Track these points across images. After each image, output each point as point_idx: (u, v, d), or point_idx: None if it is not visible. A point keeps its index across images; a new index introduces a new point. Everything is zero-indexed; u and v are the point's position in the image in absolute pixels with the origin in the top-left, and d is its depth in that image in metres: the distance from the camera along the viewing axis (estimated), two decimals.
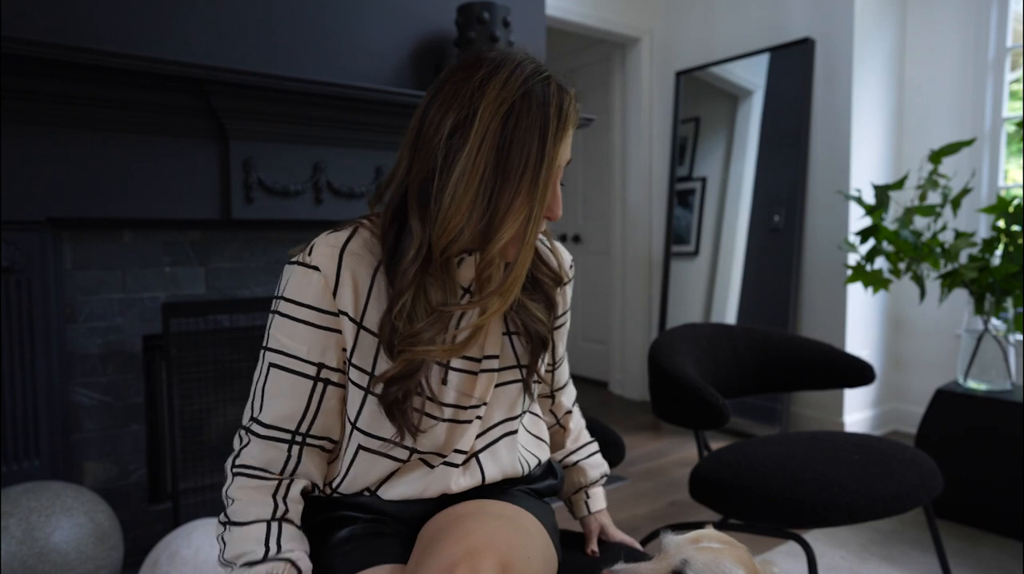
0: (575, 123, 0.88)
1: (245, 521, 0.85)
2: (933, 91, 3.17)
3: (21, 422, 1.74)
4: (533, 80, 0.84)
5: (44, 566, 1.49)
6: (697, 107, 3.70)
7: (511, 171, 0.82)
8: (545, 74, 0.86)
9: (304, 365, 0.86)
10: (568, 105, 0.86)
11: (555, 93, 0.85)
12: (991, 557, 2.06)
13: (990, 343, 2.31)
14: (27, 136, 1.71)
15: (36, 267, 1.75)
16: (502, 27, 2.37)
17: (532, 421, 1.07)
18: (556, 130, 0.83)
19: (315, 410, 0.88)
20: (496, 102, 0.82)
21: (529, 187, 0.82)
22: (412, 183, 0.85)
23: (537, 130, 0.82)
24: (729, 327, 2.07)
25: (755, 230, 3.37)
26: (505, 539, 0.82)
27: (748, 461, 1.61)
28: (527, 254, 0.85)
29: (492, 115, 0.81)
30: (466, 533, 0.81)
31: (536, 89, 0.84)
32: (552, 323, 1.00)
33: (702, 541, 0.81)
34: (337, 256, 0.86)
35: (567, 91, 0.87)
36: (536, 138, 0.82)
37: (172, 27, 1.94)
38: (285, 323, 0.86)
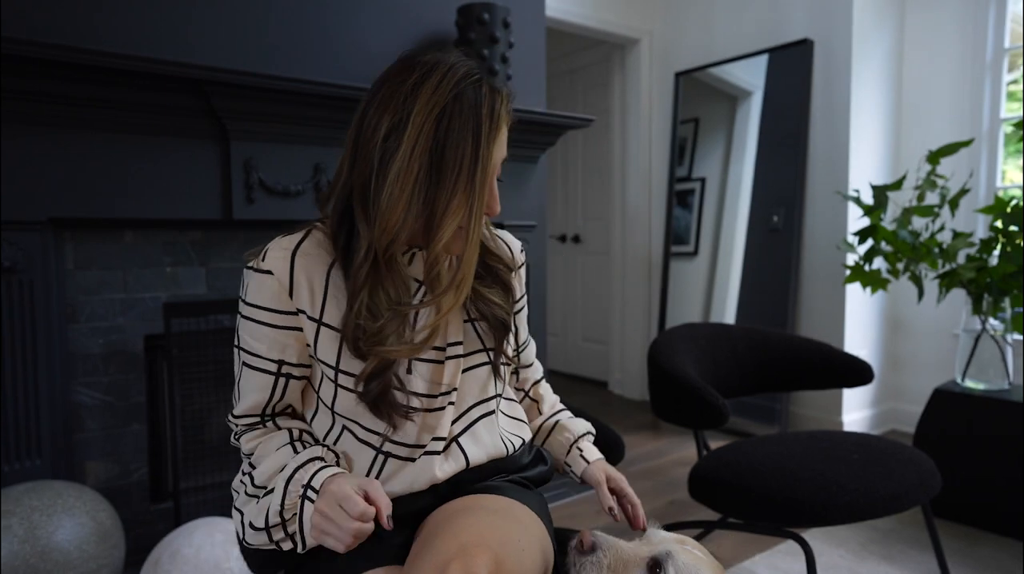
0: (508, 123, 0.91)
1: (265, 457, 0.92)
2: (931, 92, 3.18)
3: (23, 422, 1.74)
4: (465, 83, 0.87)
5: (46, 565, 1.49)
6: (696, 108, 3.71)
7: (446, 172, 0.85)
8: (476, 76, 0.89)
9: (266, 362, 0.92)
10: (500, 106, 0.89)
11: (487, 95, 0.89)
12: (989, 556, 2.07)
13: (988, 343, 2.32)
14: (28, 136, 1.72)
15: (37, 267, 1.76)
16: (502, 28, 2.37)
17: (508, 405, 1.09)
18: (488, 131, 0.87)
19: (279, 398, 0.95)
20: (428, 105, 0.85)
21: (465, 187, 0.86)
22: (355, 185, 0.89)
23: (470, 132, 0.86)
24: (728, 327, 2.08)
25: (754, 230, 3.38)
26: (498, 534, 0.82)
27: (747, 460, 1.61)
28: (472, 250, 0.88)
29: (425, 118, 0.84)
30: (459, 530, 0.82)
31: (468, 92, 0.87)
32: (511, 307, 1.03)
33: (687, 545, 0.83)
34: (289, 258, 0.90)
35: (499, 92, 0.91)
36: (469, 140, 0.86)
37: (173, 28, 1.95)
38: (248, 325, 0.92)
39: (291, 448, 0.92)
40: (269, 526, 0.88)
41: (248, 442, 0.95)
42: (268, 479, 0.90)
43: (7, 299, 1.72)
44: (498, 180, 0.93)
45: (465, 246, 0.88)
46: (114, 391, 1.92)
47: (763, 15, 3.39)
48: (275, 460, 0.91)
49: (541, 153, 2.70)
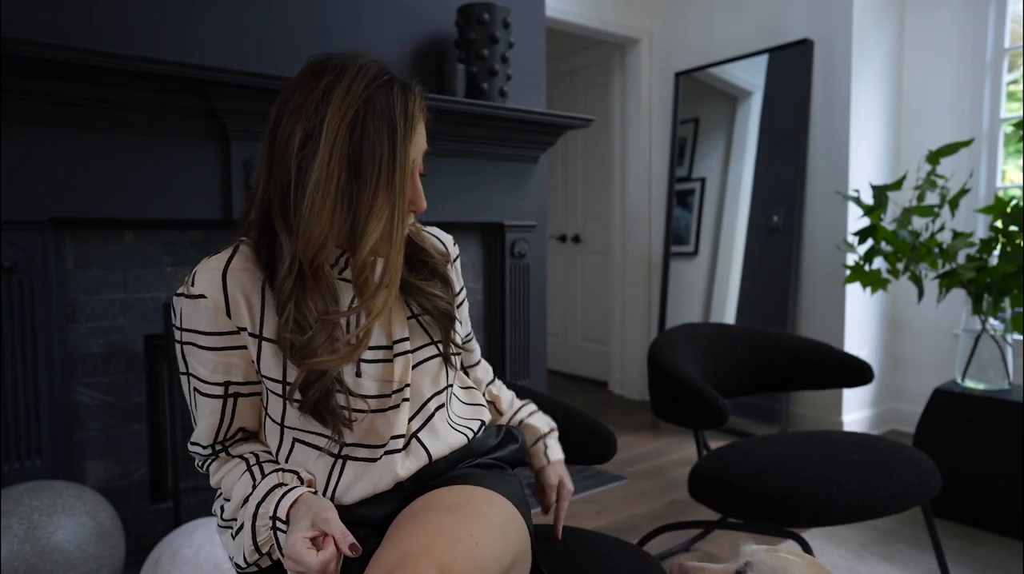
0: (423, 118, 0.91)
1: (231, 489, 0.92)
2: (931, 92, 3.18)
3: (23, 422, 1.74)
4: (375, 84, 0.86)
5: (46, 565, 1.49)
6: (696, 108, 3.71)
7: (365, 176, 0.84)
8: (386, 77, 0.89)
9: (212, 387, 0.92)
10: (413, 105, 0.89)
11: (399, 95, 0.88)
12: (989, 556, 2.07)
13: (988, 343, 2.32)
14: (28, 136, 1.72)
15: (37, 267, 1.76)
16: (502, 28, 2.37)
17: (465, 392, 1.10)
18: (404, 132, 0.86)
19: (230, 420, 0.94)
20: (341, 111, 0.84)
21: (387, 188, 0.85)
22: (273, 197, 0.88)
23: (385, 135, 0.85)
24: (728, 327, 2.08)
25: (754, 230, 3.38)
26: (446, 535, 0.80)
27: (747, 460, 1.61)
28: (397, 251, 0.88)
29: (339, 124, 0.83)
30: (402, 538, 0.79)
31: (379, 94, 0.86)
32: (452, 299, 1.03)
33: (779, 550, 0.82)
34: (220, 278, 0.88)
35: (411, 90, 0.90)
36: (386, 143, 0.85)
37: (173, 28, 1.95)
38: (190, 350, 0.90)
39: (250, 477, 0.90)
40: (251, 563, 0.88)
41: (213, 475, 0.95)
42: (235, 513, 0.90)
43: (7, 299, 1.72)
44: (421, 176, 0.93)
45: (390, 248, 0.88)
46: (114, 391, 1.92)
47: (763, 15, 3.39)
48: (238, 492, 0.90)
49: (541, 153, 2.70)
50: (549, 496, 1.16)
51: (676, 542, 2.14)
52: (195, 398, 0.93)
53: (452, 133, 2.35)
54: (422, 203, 0.92)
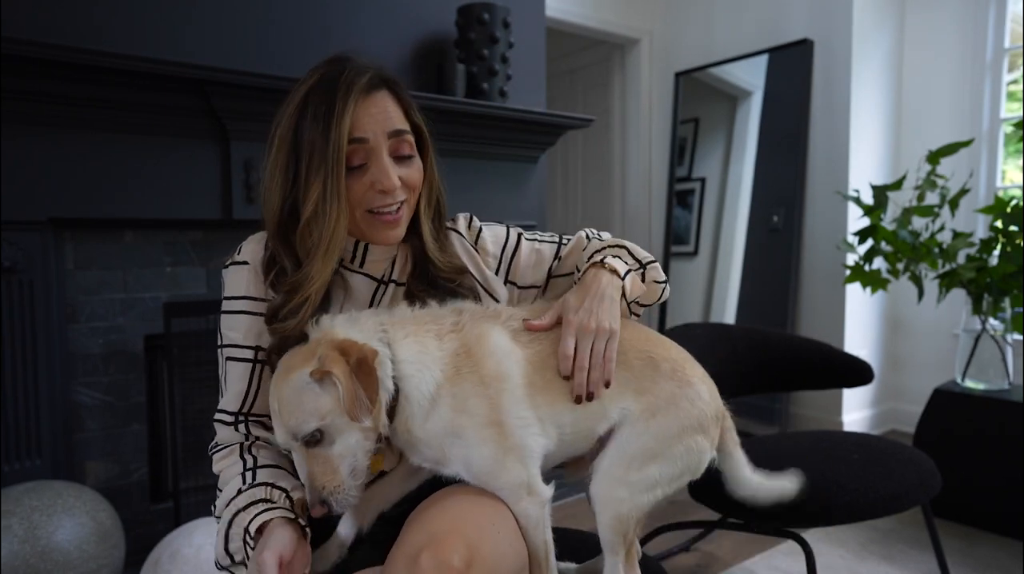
0: (364, 91, 0.92)
1: (226, 484, 0.92)
2: (931, 92, 3.17)
3: (23, 422, 1.74)
4: (326, 68, 0.93)
5: (46, 565, 1.49)
6: (696, 108, 3.71)
7: (302, 153, 0.90)
8: (342, 63, 0.93)
9: (243, 350, 0.95)
10: (359, 79, 0.91)
11: (345, 73, 0.92)
12: (989, 556, 2.07)
13: (988, 343, 2.32)
14: (28, 136, 1.72)
15: (37, 267, 1.76)
16: (502, 28, 2.37)
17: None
18: (343, 107, 0.89)
19: (256, 389, 0.95)
20: (295, 98, 0.92)
21: (315, 163, 0.89)
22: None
23: (323, 112, 0.89)
24: (728, 327, 2.08)
25: (754, 230, 3.38)
26: (473, 520, 0.81)
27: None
28: (334, 222, 0.90)
29: (292, 109, 0.92)
30: (430, 519, 0.81)
31: (327, 75, 0.92)
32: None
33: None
34: (263, 248, 0.96)
35: (359, 69, 0.93)
36: (322, 119, 0.89)
37: (173, 28, 1.95)
38: (226, 318, 0.96)
39: (241, 480, 0.90)
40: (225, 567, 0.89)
41: (216, 464, 0.96)
42: (220, 510, 0.91)
43: (7, 299, 1.72)
44: (400, 157, 0.95)
45: (325, 221, 0.89)
46: (114, 391, 1.92)
47: (763, 15, 3.38)
48: (227, 493, 0.90)
49: (541, 153, 2.70)
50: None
51: (676, 542, 2.14)
52: (227, 367, 0.96)
53: (452, 133, 2.35)
54: (386, 182, 0.92)
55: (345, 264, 1.00)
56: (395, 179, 0.93)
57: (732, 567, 2.03)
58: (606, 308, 0.91)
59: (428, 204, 1.01)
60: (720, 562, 2.06)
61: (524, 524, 0.85)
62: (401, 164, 0.95)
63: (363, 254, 0.99)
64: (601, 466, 0.89)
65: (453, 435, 0.84)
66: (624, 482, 0.88)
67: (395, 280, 1.01)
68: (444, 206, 1.06)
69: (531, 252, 1.08)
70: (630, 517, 0.89)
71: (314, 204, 0.89)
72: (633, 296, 0.97)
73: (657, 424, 0.90)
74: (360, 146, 0.91)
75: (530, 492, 0.85)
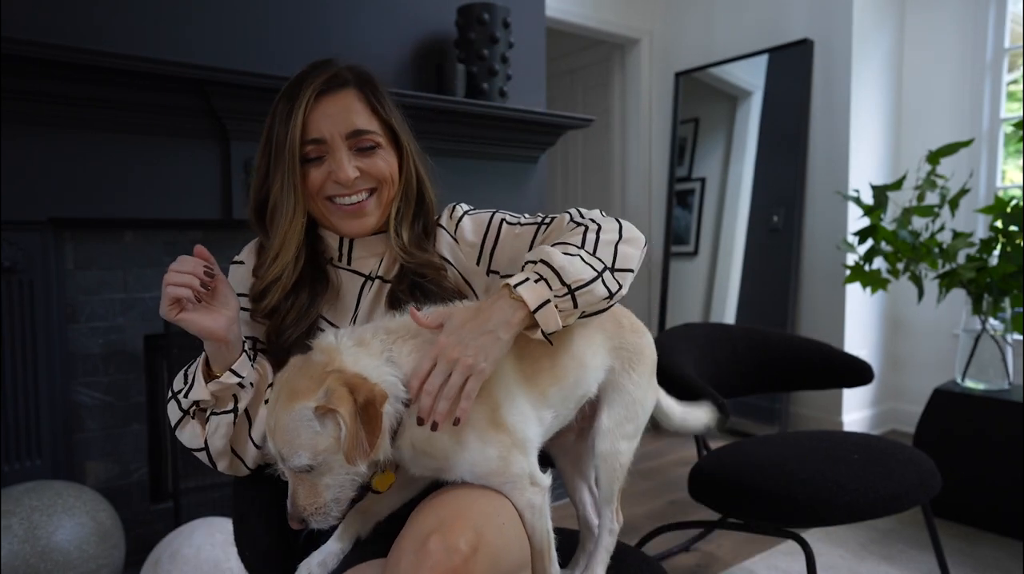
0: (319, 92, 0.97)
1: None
2: (931, 92, 3.17)
3: (23, 422, 1.74)
4: (301, 71, 0.99)
5: (46, 565, 1.49)
6: (696, 108, 3.71)
7: (269, 149, 0.98)
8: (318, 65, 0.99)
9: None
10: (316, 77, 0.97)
11: (307, 73, 0.98)
12: (989, 556, 2.07)
13: (988, 343, 2.32)
14: (28, 136, 1.71)
15: (37, 267, 1.76)
16: (502, 28, 2.37)
17: None
18: (298, 105, 0.95)
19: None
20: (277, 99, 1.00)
21: (277, 159, 0.97)
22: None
23: (286, 113, 0.96)
24: (728, 327, 2.08)
25: (754, 230, 3.38)
26: (479, 508, 0.82)
27: (747, 460, 1.61)
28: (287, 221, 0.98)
29: (272, 109, 1.00)
30: (438, 506, 0.82)
31: (296, 78, 0.99)
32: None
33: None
34: (256, 247, 1.05)
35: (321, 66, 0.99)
36: (284, 120, 0.96)
37: (173, 28, 1.95)
38: None
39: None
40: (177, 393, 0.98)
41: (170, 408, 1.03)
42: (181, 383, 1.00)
43: (7, 299, 1.72)
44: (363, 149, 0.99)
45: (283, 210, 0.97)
46: (114, 391, 1.92)
47: (763, 15, 3.38)
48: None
49: (541, 153, 2.70)
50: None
51: (676, 542, 2.14)
52: None
53: (452, 133, 2.35)
54: (341, 174, 0.96)
55: (334, 262, 1.05)
56: (349, 171, 0.96)
57: (732, 567, 2.03)
58: (482, 344, 0.81)
59: (406, 202, 1.04)
60: (720, 562, 2.06)
61: (529, 514, 0.86)
62: (362, 156, 0.98)
63: (349, 252, 1.04)
64: (603, 425, 0.98)
65: (457, 444, 0.84)
66: (623, 435, 0.99)
67: (381, 276, 1.03)
68: (430, 203, 1.07)
69: (512, 238, 1.04)
70: (625, 466, 1.00)
71: (275, 195, 0.98)
72: (551, 329, 0.84)
73: (637, 375, 1.01)
74: (316, 145, 0.97)
75: (533, 482, 0.87)
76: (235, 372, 0.93)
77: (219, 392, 0.94)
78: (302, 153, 0.97)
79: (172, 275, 0.89)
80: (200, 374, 0.94)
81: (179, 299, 0.89)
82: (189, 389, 0.94)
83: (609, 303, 0.90)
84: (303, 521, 0.81)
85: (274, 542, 1.02)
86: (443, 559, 0.73)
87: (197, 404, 0.96)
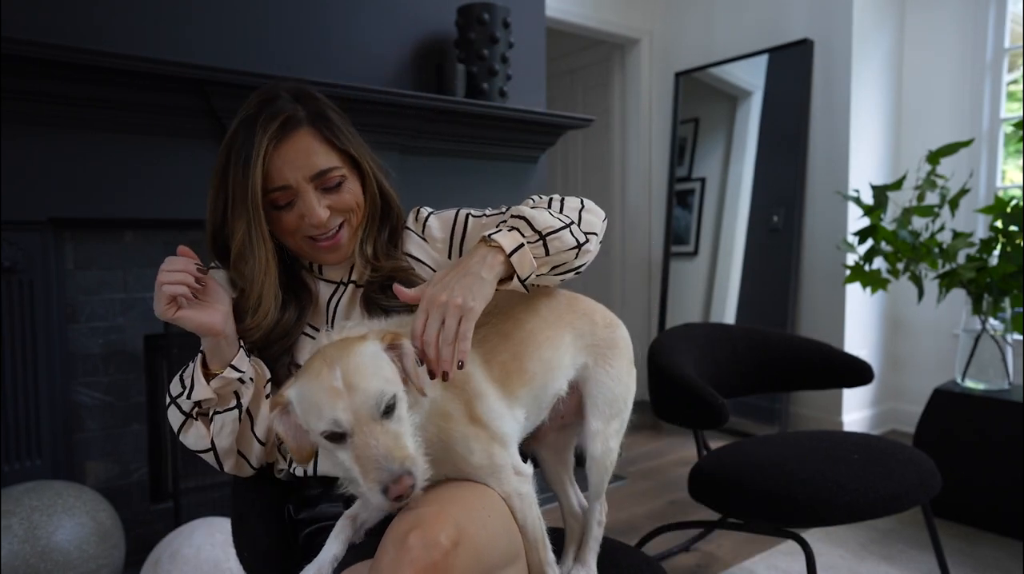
0: (277, 137, 0.95)
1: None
2: (931, 92, 3.17)
3: (23, 422, 1.74)
4: (250, 109, 0.97)
5: (46, 565, 1.49)
6: (696, 108, 3.71)
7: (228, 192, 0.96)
8: (266, 102, 0.96)
9: None
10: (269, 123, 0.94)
11: (261, 119, 0.95)
12: (989, 556, 2.07)
13: (988, 343, 2.32)
14: (28, 136, 1.71)
15: (37, 267, 1.76)
16: (502, 28, 2.37)
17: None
18: (256, 158, 0.93)
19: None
20: (229, 132, 0.98)
21: (237, 207, 0.95)
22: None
23: (243, 158, 0.94)
24: (728, 327, 2.08)
25: (754, 230, 3.38)
26: (461, 503, 0.81)
27: (747, 460, 1.61)
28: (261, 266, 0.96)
29: (224, 145, 0.97)
30: (420, 502, 0.81)
31: (247, 119, 0.96)
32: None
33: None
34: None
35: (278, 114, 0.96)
36: (241, 166, 0.94)
37: (173, 28, 1.95)
38: None
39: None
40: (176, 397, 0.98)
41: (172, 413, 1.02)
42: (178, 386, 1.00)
43: (7, 299, 1.72)
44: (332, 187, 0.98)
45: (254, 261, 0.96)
46: (114, 391, 1.92)
47: (763, 15, 3.38)
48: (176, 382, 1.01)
49: (541, 153, 2.70)
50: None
51: (676, 542, 2.14)
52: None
53: (452, 133, 2.35)
54: (313, 218, 0.96)
55: (307, 270, 1.07)
56: (321, 214, 0.96)
57: (732, 567, 2.03)
58: (467, 284, 0.83)
59: (371, 220, 1.05)
60: (720, 562, 2.06)
61: (518, 504, 0.87)
62: (329, 194, 0.98)
63: (320, 266, 1.06)
64: (592, 428, 0.99)
65: (440, 441, 0.85)
66: (613, 433, 1.01)
67: (354, 281, 1.05)
68: (397, 212, 1.09)
69: (480, 228, 1.06)
70: (615, 461, 1.02)
71: (239, 244, 0.95)
72: (526, 272, 0.87)
73: (615, 369, 1.02)
74: (283, 192, 0.96)
75: (517, 471, 0.89)
76: (235, 367, 0.94)
77: (221, 389, 0.95)
78: (270, 199, 0.96)
79: (165, 275, 0.89)
80: (199, 374, 0.94)
81: (175, 297, 0.89)
82: (190, 391, 0.95)
83: (577, 255, 0.94)
84: (409, 474, 0.74)
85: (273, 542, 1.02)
86: (422, 555, 0.72)
87: (199, 405, 0.96)
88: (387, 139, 2.21)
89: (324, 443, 0.76)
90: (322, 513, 1.00)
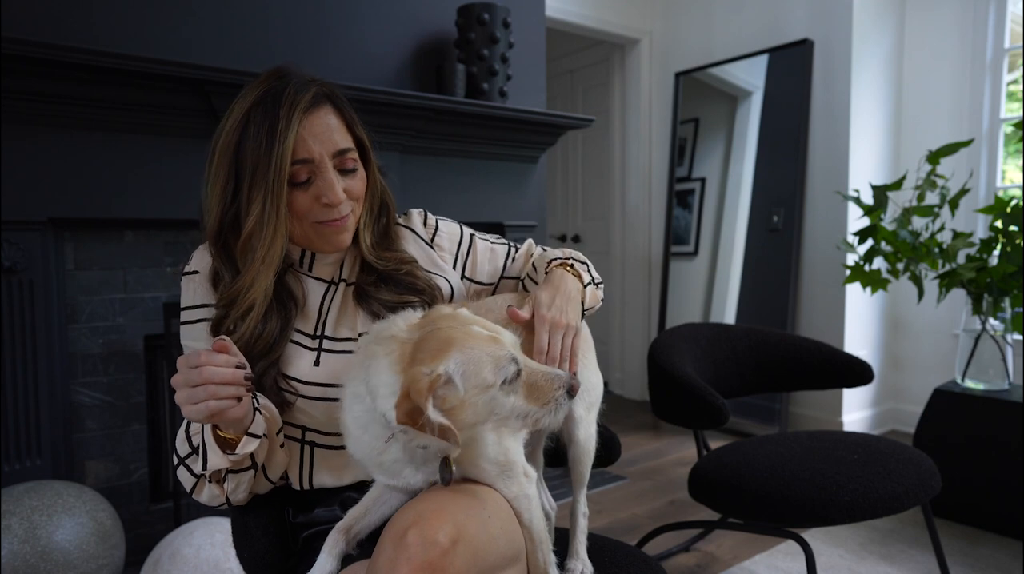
0: (307, 109, 0.93)
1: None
2: (931, 92, 3.17)
3: (23, 422, 1.74)
4: (270, 84, 0.94)
5: (46, 565, 1.49)
6: (696, 108, 3.71)
7: (243, 169, 0.92)
8: (285, 79, 0.94)
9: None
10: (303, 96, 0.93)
11: (288, 91, 0.93)
12: (989, 556, 2.07)
13: (988, 343, 2.32)
14: (28, 136, 1.72)
15: (38, 267, 1.76)
16: (502, 28, 2.37)
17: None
18: (286, 127, 0.90)
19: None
20: (236, 111, 0.94)
21: (256, 180, 0.91)
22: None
23: (266, 129, 0.91)
24: (728, 327, 2.08)
25: (754, 230, 3.38)
26: (461, 502, 0.81)
27: (747, 460, 1.61)
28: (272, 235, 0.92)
29: (233, 123, 0.94)
30: (419, 501, 0.81)
31: (271, 91, 0.93)
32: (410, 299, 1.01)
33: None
34: (209, 254, 0.97)
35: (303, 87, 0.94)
36: (265, 137, 0.90)
37: (173, 28, 1.95)
38: (185, 329, 0.98)
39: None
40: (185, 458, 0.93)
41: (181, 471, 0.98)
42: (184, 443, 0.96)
43: (7, 299, 1.72)
44: (345, 171, 0.97)
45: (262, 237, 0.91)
46: (114, 391, 1.92)
47: (763, 15, 3.39)
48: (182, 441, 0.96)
49: (541, 153, 2.70)
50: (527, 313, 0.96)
51: (676, 542, 2.14)
52: None
53: (452, 133, 2.35)
54: (333, 196, 0.94)
55: (296, 268, 1.03)
56: (341, 194, 0.95)
57: (732, 567, 2.03)
58: (573, 307, 0.97)
59: (370, 212, 1.04)
60: (720, 562, 2.06)
61: (525, 505, 0.88)
62: (345, 177, 0.97)
63: (311, 260, 1.03)
64: (577, 414, 1.02)
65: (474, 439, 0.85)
66: (592, 420, 1.05)
67: (345, 280, 1.04)
68: (391, 205, 1.09)
69: (487, 250, 1.13)
70: (595, 448, 1.06)
71: (255, 220, 0.91)
72: (588, 305, 1.04)
73: (588, 360, 1.06)
74: (305, 166, 0.93)
75: (526, 474, 0.90)
76: (253, 435, 0.88)
77: (239, 461, 0.89)
78: (289, 173, 0.92)
79: (212, 388, 0.79)
80: (211, 441, 0.87)
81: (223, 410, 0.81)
82: (204, 460, 0.88)
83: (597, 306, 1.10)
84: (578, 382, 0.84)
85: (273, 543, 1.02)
86: (420, 553, 0.72)
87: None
88: (387, 139, 2.21)
89: (495, 396, 0.78)
90: (320, 517, 1.00)
